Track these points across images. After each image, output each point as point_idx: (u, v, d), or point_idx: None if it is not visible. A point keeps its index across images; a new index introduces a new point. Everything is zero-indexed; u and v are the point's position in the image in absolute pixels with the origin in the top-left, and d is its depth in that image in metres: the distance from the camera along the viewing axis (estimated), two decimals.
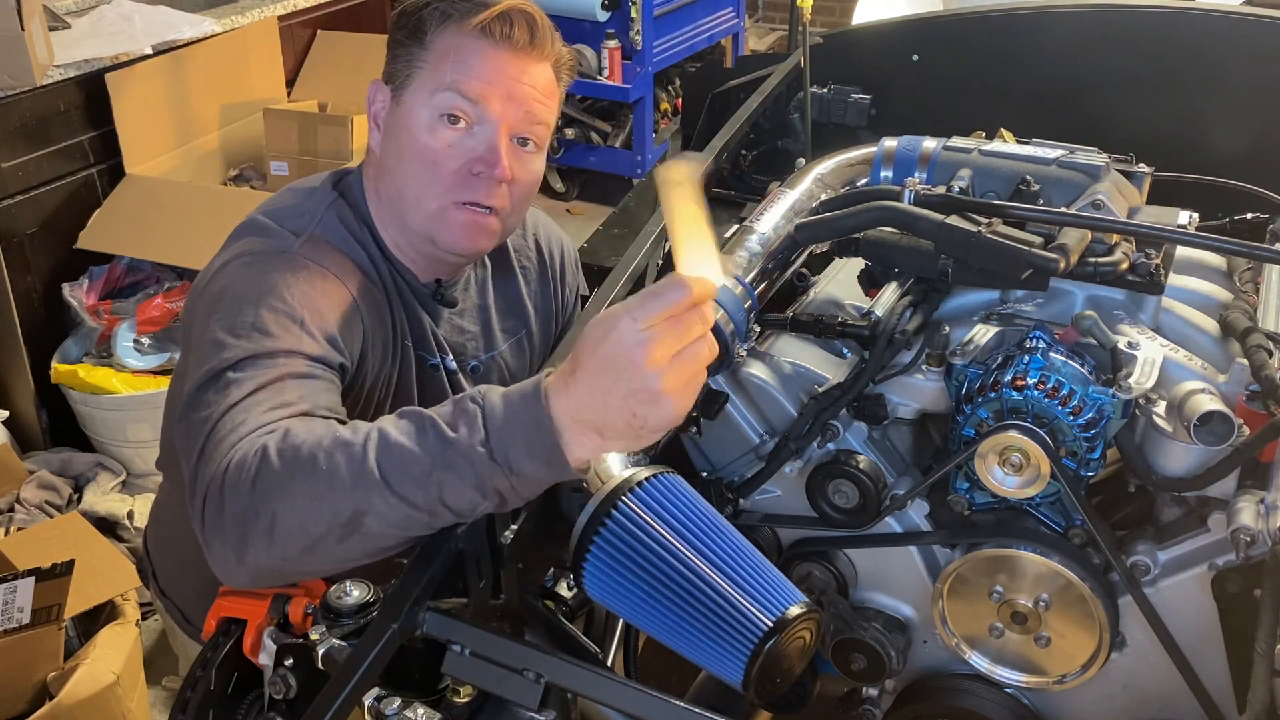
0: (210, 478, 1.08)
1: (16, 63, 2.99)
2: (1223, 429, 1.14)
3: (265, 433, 1.10)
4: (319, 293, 1.31)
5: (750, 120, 1.79)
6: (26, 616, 2.21)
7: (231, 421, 1.13)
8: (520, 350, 1.63)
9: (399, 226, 1.43)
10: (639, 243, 1.43)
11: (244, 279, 1.31)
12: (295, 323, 1.25)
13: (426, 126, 1.35)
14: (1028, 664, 1.34)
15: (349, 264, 1.38)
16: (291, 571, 1.06)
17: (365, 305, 1.36)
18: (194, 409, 1.19)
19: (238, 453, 1.07)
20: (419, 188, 1.37)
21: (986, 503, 1.30)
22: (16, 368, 3.16)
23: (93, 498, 3.03)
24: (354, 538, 1.00)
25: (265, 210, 1.43)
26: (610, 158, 5.20)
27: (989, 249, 1.25)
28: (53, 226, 3.18)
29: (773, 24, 6.62)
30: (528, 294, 1.63)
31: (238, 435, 1.11)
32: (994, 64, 1.96)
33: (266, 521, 1.02)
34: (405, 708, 0.96)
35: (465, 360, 1.54)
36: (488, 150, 1.35)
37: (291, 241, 1.36)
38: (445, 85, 1.34)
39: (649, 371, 0.89)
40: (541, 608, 1.19)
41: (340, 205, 1.43)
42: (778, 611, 0.98)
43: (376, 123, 1.42)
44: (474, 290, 1.57)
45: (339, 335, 1.29)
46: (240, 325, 1.24)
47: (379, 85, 1.42)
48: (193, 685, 1.11)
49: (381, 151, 1.41)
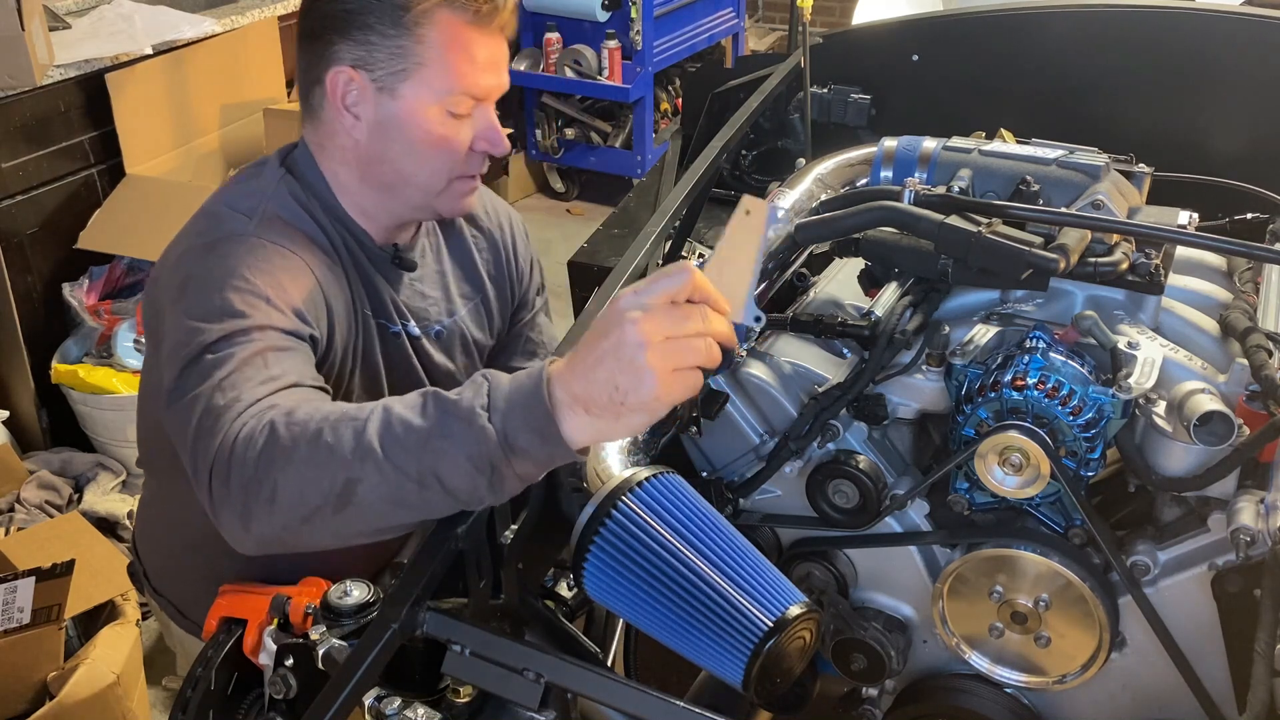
0: (216, 451, 1.10)
1: (16, 63, 2.99)
2: (1223, 429, 1.14)
3: (266, 407, 1.12)
4: (279, 270, 1.33)
5: (750, 120, 1.79)
6: (26, 616, 2.21)
7: (223, 398, 1.15)
8: (479, 315, 1.65)
9: (384, 199, 1.44)
10: (639, 243, 1.43)
11: (204, 266, 1.32)
12: (261, 299, 1.28)
13: (438, 120, 1.38)
14: (1028, 664, 1.34)
15: (304, 238, 1.39)
16: (294, 541, 1.08)
17: (325, 278, 1.38)
18: (180, 394, 1.21)
19: (241, 426, 1.10)
20: (430, 174, 1.42)
21: (986, 503, 1.31)
22: (16, 368, 3.16)
23: (93, 498, 3.03)
24: (348, 509, 1.01)
25: (215, 199, 1.44)
26: (610, 158, 5.19)
27: (989, 249, 1.25)
28: (53, 226, 3.18)
29: (773, 24, 6.61)
30: (480, 261, 1.65)
31: (235, 411, 1.13)
32: (994, 64, 1.96)
33: (269, 490, 1.04)
34: (405, 708, 0.96)
35: (429, 325, 1.55)
36: (489, 129, 1.42)
37: (244, 223, 1.36)
38: (460, 89, 1.37)
39: (635, 340, 0.90)
40: (541, 608, 1.19)
41: (289, 181, 1.44)
42: (778, 611, 0.98)
43: (350, 111, 1.39)
44: (430, 256, 1.58)
45: (304, 309, 1.32)
46: (209, 310, 1.26)
47: (346, 71, 1.37)
48: (193, 685, 1.11)
49: (370, 141, 1.40)
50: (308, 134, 1.47)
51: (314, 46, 1.40)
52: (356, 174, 1.44)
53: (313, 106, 1.44)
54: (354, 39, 1.36)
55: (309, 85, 1.43)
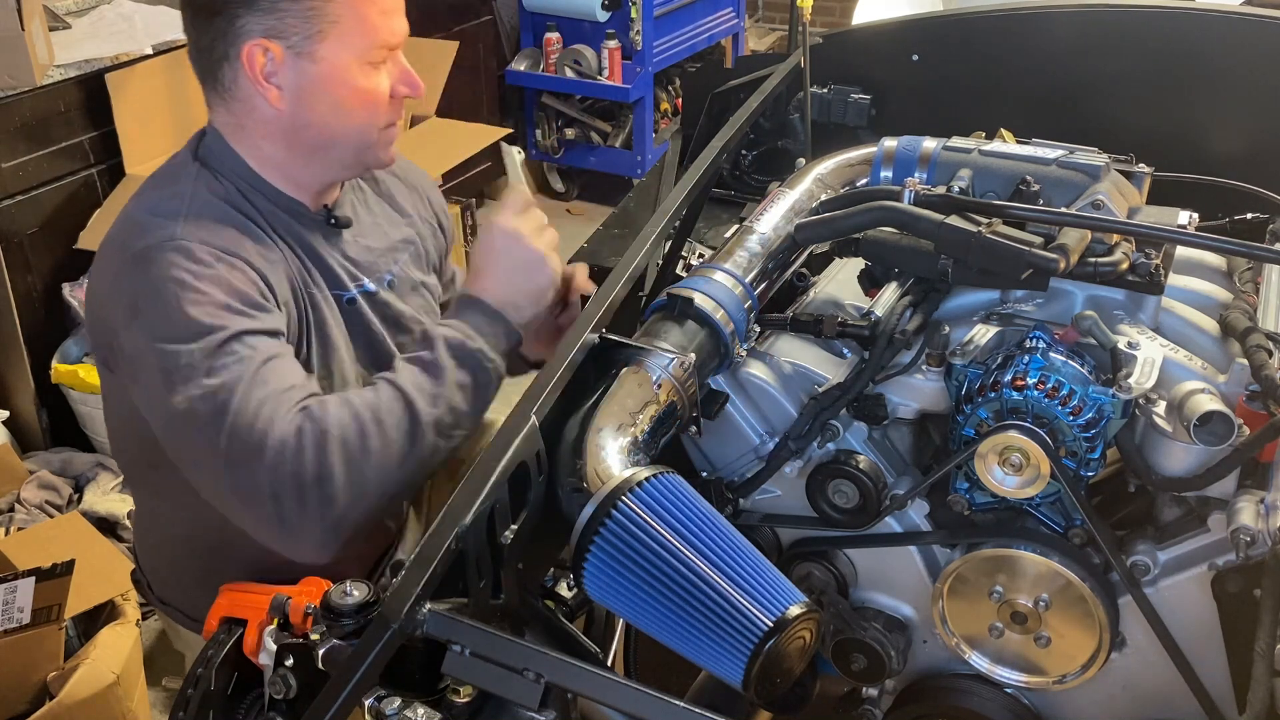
0: (274, 481, 1.21)
1: (16, 63, 2.99)
2: (1223, 429, 1.14)
3: (304, 420, 1.24)
4: (223, 269, 1.34)
5: (750, 120, 1.79)
6: (26, 616, 2.21)
7: (250, 421, 1.23)
8: (418, 257, 1.67)
9: (314, 165, 1.45)
10: (639, 243, 1.43)
11: (146, 281, 1.31)
12: (220, 307, 1.30)
13: (360, 74, 1.39)
14: (1028, 664, 1.34)
15: (233, 232, 1.39)
16: (369, 525, 1.29)
17: (263, 267, 1.39)
18: (188, 421, 1.25)
19: (294, 449, 1.22)
20: (361, 129, 1.43)
21: (986, 503, 1.31)
22: (16, 368, 3.16)
23: (93, 498, 3.03)
24: (417, 467, 1.29)
25: (136, 206, 1.41)
26: (610, 158, 5.19)
27: (989, 249, 1.25)
28: (53, 226, 3.18)
29: (773, 24, 6.61)
30: (408, 204, 1.68)
31: (275, 436, 1.22)
32: (994, 64, 1.96)
33: (358, 490, 1.24)
34: (405, 708, 0.96)
35: (380, 276, 1.57)
36: (405, 74, 1.45)
37: (171, 227, 1.34)
38: (376, 40, 1.38)
39: (531, 248, 1.42)
40: (541, 608, 1.19)
41: (206, 176, 1.42)
42: (778, 611, 0.98)
43: (270, 83, 1.38)
44: (362, 210, 1.59)
45: (260, 300, 1.35)
46: (176, 330, 1.28)
47: (260, 43, 1.35)
48: (193, 684, 1.11)
49: (295, 109, 1.39)
50: (218, 117, 1.44)
51: (214, 23, 1.36)
52: (283, 145, 1.42)
53: (223, 86, 1.40)
54: (261, 9, 1.34)
55: (214, 64, 1.39)
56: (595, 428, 1.14)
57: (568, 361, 1.19)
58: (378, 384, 1.33)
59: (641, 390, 1.19)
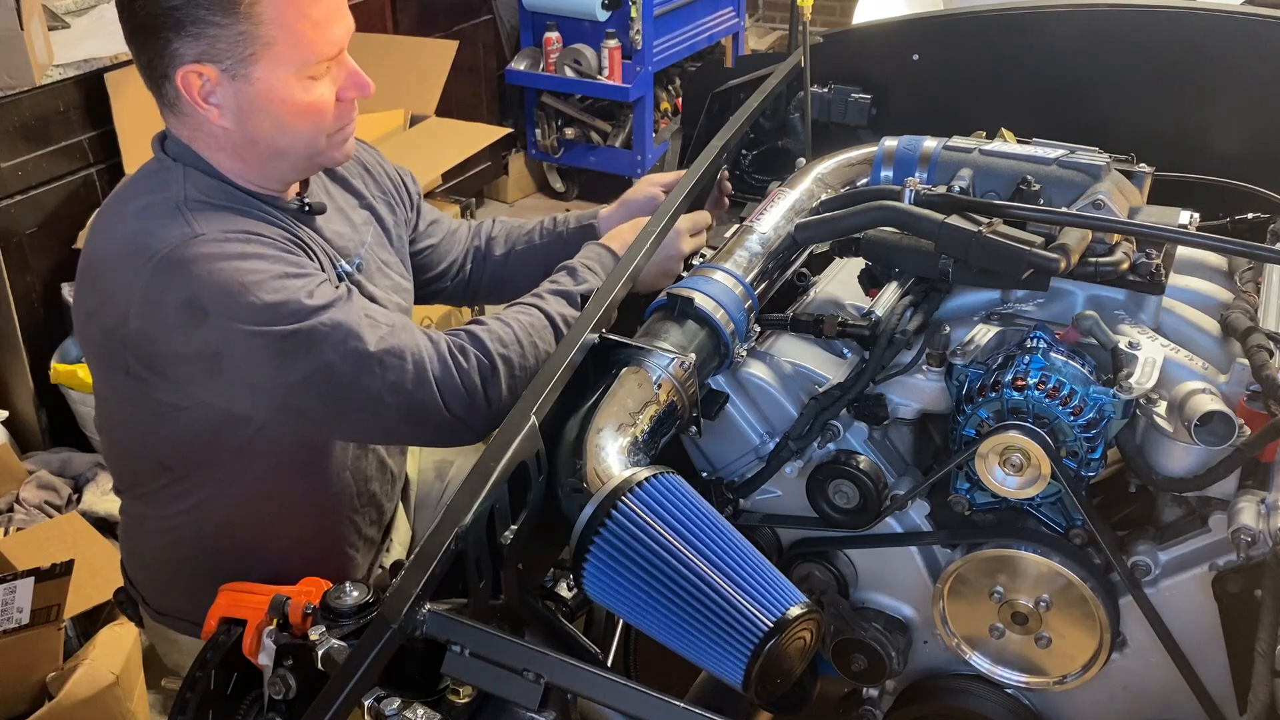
0: (449, 390, 1.37)
1: (16, 62, 2.99)
2: (1223, 429, 1.14)
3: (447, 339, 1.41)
4: (261, 248, 1.37)
5: (750, 120, 1.79)
6: (26, 616, 2.21)
7: (400, 353, 1.35)
8: (380, 237, 1.68)
9: (270, 171, 1.45)
10: (639, 242, 1.43)
11: (197, 281, 1.31)
12: (283, 278, 1.34)
13: (300, 90, 1.38)
14: (1028, 664, 1.34)
15: (240, 218, 1.40)
16: None
17: (280, 239, 1.42)
18: (331, 382, 1.33)
19: (455, 370, 1.37)
20: (308, 141, 1.43)
21: (987, 503, 1.30)
22: (16, 368, 3.15)
23: (92, 498, 3.02)
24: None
25: (130, 215, 1.40)
26: (610, 158, 5.19)
27: (989, 249, 1.25)
28: (52, 226, 3.18)
29: (773, 24, 6.61)
30: (364, 187, 1.68)
31: (430, 356, 1.37)
32: (994, 64, 1.95)
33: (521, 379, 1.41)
34: (405, 708, 0.96)
35: (352, 259, 1.57)
36: (351, 76, 1.44)
37: (184, 225, 1.35)
38: (312, 57, 1.36)
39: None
40: (541, 608, 1.18)
41: (192, 172, 1.43)
42: (778, 612, 0.98)
43: (209, 103, 1.37)
44: (325, 197, 1.60)
45: (306, 260, 1.40)
46: (261, 313, 1.30)
47: (193, 69, 1.34)
48: (192, 685, 1.11)
49: (238, 126, 1.39)
50: (173, 126, 1.45)
51: (150, 44, 1.35)
52: (235, 155, 1.43)
53: (169, 101, 1.41)
54: (191, 34, 1.32)
55: (156, 80, 1.39)
56: (595, 428, 1.14)
57: (568, 361, 1.19)
58: (528, 308, 1.49)
59: (641, 390, 1.19)
